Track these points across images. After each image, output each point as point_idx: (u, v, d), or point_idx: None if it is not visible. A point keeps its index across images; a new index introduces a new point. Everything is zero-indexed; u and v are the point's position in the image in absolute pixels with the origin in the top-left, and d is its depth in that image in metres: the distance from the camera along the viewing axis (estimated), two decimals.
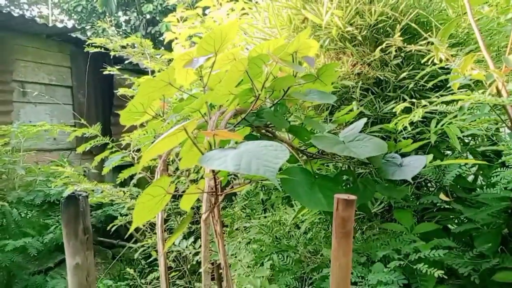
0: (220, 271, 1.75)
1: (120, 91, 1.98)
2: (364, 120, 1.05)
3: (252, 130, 0.97)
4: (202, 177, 1.95)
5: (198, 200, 2.02)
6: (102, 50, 2.34)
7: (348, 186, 1.02)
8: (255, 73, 0.85)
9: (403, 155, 1.10)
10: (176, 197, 2.21)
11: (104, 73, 2.36)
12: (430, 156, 1.07)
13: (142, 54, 2.30)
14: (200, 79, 0.86)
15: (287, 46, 0.85)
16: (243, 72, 0.82)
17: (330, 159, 1.08)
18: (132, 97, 2.09)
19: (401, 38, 1.21)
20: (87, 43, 2.34)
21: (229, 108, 0.89)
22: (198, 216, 2.03)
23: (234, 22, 0.79)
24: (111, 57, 3.50)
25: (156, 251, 2.13)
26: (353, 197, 0.69)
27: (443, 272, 0.95)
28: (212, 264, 1.97)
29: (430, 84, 1.19)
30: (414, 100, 1.20)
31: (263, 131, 0.97)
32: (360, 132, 1.33)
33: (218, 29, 0.78)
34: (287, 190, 0.87)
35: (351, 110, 1.16)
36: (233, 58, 0.89)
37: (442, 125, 1.13)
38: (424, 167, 1.17)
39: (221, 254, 0.82)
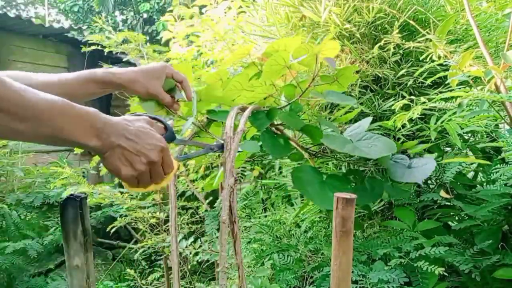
0: None
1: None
2: (370, 119, 1.04)
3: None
4: (201, 177, 1.95)
5: (197, 200, 2.02)
6: (99, 48, 2.33)
7: (356, 185, 1.02)
8: (275, 70, 0.85)
9: (403, 152, 1.10)
10: (177, 197, 2.20)
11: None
12: (434, 156, 1.07)
13: (140, 52, 2.29)
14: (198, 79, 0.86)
15: (311, 48, 0.85)
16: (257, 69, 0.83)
17: (331, 157, 1.08)
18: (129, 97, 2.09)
19: (399, 35, 1.21)
20: (83, 41, 2.32)
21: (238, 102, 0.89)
22: (199, 216, 2.03)
23: (188, 65, 0.85)
24: (109, 57, 3.49)
25: (156, 252, 2.12)
26: (353, 196, 0.69)
27: (443, 269, 0.95)
28: (213, 264, 1.96)
29: (429, 81, 1.19)
30: (413, 97, 1.20)
31: (273, 128, 0.97)
32: None
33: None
34: (298, 188, 0.87)
35: (351, 108, 1.15)
36: (247, 53, 0.89)
37: (441, 122, 1.13)
38: None
39: (237, 254, 0.80)
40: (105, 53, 2.40)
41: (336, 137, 0.94)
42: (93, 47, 2.22)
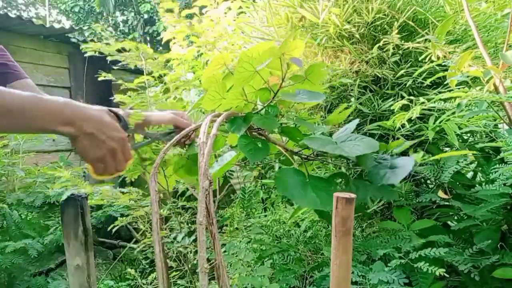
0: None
1: (116, 97, 1.99)
2: (356, 121, 1.05)
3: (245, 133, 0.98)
4: None
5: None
6: (99, 52, 2.33)
7: (341, 187, 1.02)
8: (245, 77, 0.86)
9: (403, 153, 1.10)
10: (176, 196, 2.21)
11: (99, 79, 2.37)
12: (420, 154, 1.06)
13: (140, 58, 2.29)
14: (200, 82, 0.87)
15: (274, 48, 0.85)
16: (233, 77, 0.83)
17: (324, 161, 1.08)
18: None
19: (398, 36, 1.21)
20: (81, 48, 2.33)
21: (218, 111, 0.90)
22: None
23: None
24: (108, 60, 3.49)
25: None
26: (353, 195, 0.69)
27: (444, 270, 0.95)
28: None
29: (428, 81, 1.19)
30: (412, 97, 1.20)
31: (255, 133, 0.98)
32: (358, 130, 1.33)
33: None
34: (280, 190, 0.88)
35: (346, 108, 1.15)
36: (223, 63, 0.89)
37: (440, 122, 1.13)
38: (421, 165, 1.17)
39: (217, 254, 0.82)
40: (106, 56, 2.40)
41: (318, 138, 0.95)
42: (94, 48, 2.22)
